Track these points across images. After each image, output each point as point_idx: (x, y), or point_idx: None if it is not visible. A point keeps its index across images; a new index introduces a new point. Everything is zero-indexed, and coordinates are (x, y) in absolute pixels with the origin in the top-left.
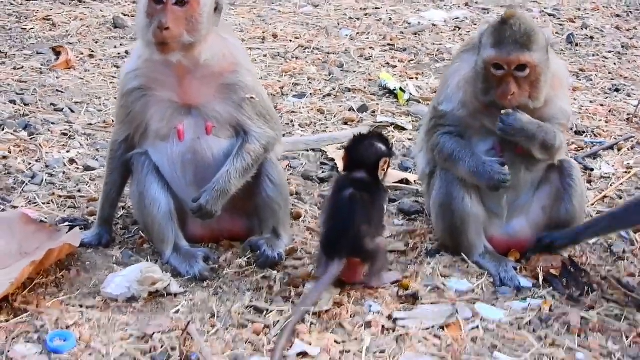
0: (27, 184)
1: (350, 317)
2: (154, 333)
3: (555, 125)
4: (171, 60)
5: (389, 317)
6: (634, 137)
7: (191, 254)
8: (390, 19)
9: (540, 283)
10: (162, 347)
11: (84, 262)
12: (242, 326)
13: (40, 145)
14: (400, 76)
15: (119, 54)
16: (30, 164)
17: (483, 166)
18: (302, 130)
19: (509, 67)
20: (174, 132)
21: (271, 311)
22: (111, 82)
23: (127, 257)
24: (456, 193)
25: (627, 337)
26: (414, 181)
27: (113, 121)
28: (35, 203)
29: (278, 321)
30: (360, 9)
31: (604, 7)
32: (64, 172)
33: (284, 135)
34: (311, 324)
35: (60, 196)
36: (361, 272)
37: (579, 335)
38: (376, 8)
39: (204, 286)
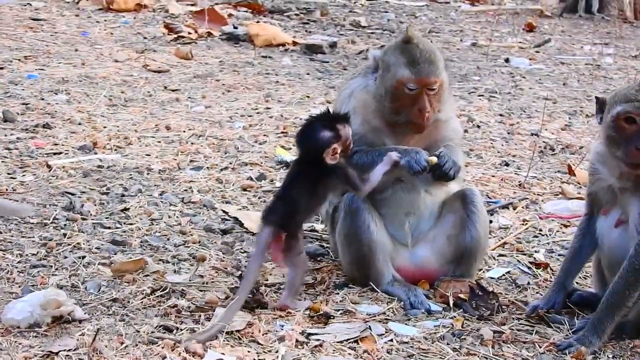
0: None
1: (263, 334)
2: (59, 351)
3: (452, 144)
4: None
5: (302, 332)
6: (527, 198)
7: None
8: (282, 115)
9: (451, 307)
10: None
11: None
12: (152, 343)
13: None
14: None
15: (10, 141)
16: None
17: (403, 154)
18: (201, 195)
19: (423, 86)
20: None
21: (182, 330)
22: (3, 162)
23: (26, 293)
24: (361, 221)
25: (540, 347)
26: (321, 229)
27: None
28: None
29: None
30: (252, 109)
31: (487, 109)
32: None
33: (182, 200)
34: (224, 340)
35: None
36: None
37: (492, 347)
38: (267, 108)
39: (109, 313)
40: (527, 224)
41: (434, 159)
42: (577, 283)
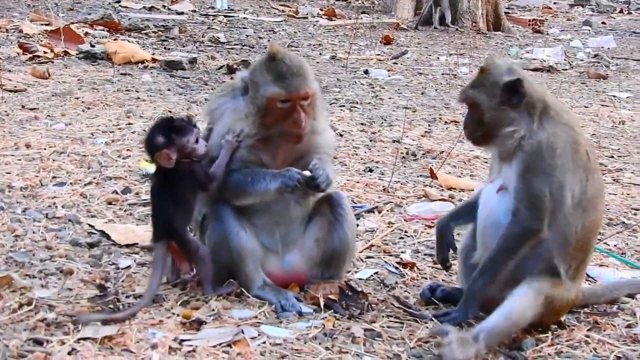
0: None
1: (136, 342)
2: None
3: (324, 155)
4: None
5: (175, 339)
6: (392, 202)
7: None
8: (144, 130)
9: (322, 308)
10: None
11: None
12: (21, 356)
13: None
14: None
15: None
16: None
17: (277, 176)
18: (65, 210)
19: (295, 99)
20: None
21: (52, 342)
22: None
23: None
24: (230, 229)
25: (410, 341)
26: None
27: None
28: None
29: (59, 351)
30: (113, 125)
31: (349, 119)
32: None
33: (47, 215)
34: (96, 350)
35: None
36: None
37: (364, 344)
38: (129, 124)
39: None
40: (392, 226)
41: (307, 173)
42: (442, 280)
